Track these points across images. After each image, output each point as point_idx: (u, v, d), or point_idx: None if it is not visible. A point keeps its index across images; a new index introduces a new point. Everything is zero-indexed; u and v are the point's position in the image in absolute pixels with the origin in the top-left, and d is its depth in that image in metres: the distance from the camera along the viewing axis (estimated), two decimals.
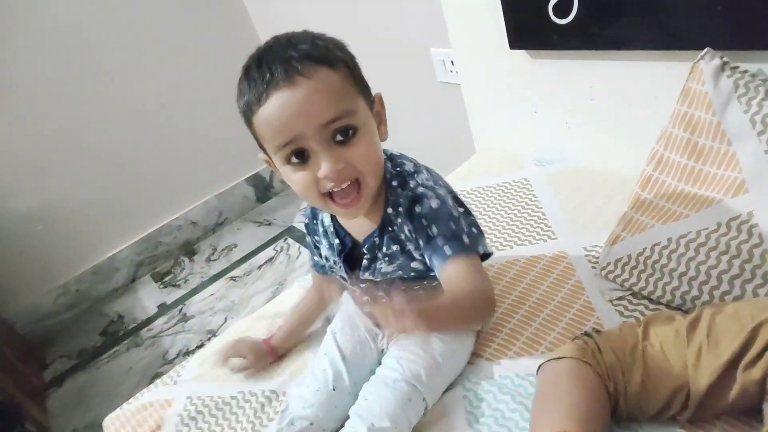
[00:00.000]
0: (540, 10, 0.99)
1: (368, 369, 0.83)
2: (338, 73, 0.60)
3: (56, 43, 1.86)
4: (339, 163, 0.60)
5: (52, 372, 1.91)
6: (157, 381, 0.98)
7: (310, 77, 0.57)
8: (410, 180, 0.71)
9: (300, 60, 0.58)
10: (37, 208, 1.97)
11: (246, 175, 2.44)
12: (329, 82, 0.59)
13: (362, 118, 0.62)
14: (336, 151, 0.60)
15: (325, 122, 0.59)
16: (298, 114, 0.58)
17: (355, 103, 0.61)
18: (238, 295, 1.96)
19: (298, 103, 0.57)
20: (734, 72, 0.77)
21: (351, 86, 0.61)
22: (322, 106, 0.58)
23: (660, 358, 0.62)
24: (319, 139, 0.59)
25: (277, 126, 0.59)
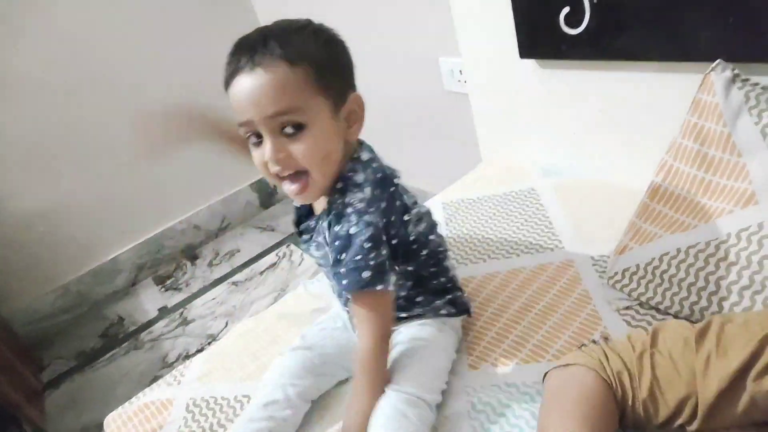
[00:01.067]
0: (551, 19, 1.00)
1: (337, 346, 0.86)
2: (297, 70, 0.64)
3: (60, 44, 1.86)
4: (279, 153, 0.66)
5: (49, 374, 1.90)
6: (160, 381, 0.97)
7: (268, 71, 0.63)
8: (349, 193, 0.72)
9: (263, 52, 0.64)
10: (39, 209, 1.97)
11: (250, 180, 2.44)
12: (283, 77, 0.63)
13: (312, 116, 0.66)
14: (280, 141, 0.66)
15: (270, 114, 0.64)
16: (249, 101, 0.64)
17: (306, 102, 0.65)
18: (239, 300, 1.95)
19: (251, 91, 0.64)
20: (745, 84, 0.77)
21: (308, 85, 0.65)
22: (270, 98, 0.64)
23: (668, 365, 0.62)
24: (267, 127, 0.65)
25: (236, 106, 0.67)
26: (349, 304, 0.84)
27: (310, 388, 0.81)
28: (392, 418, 0.69)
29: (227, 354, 1.00)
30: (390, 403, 0.71)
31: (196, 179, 2.29)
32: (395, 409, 0.70)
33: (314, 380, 0.82)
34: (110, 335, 1.99)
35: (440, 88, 1.57)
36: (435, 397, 0.76)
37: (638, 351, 0.65)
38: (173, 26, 2.07)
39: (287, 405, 0.77)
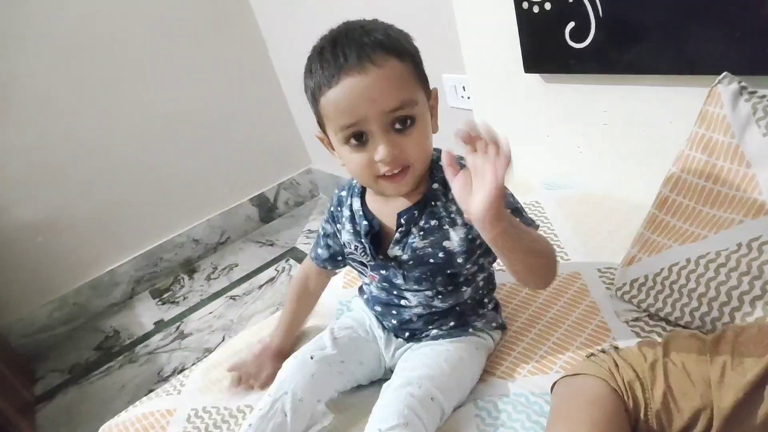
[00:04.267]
0: (557, 34, 1.01)
1: (358, 359, 0.83)
2: (405, 64, 0.63)
3: (61, 56, 1.87)
4: (395, 149, 0.64)
5: (42, 386, 1.86)
6: (159, 390, 0.95)
7: (380, 66, 0.61)
8: (460, 161, 0.72)
9: (372, 48, 0.62)
10: (38, 220, 1.96)
11: (250, 195, 2.44)
12: (396, 72, 0.62)
13: (421, 109, 0.65)
14: (393, 137, 0.64)
15: (389, 110, 0.63)
16: (364, 99, 0.62)
17: (416, 95, 0.65)
18: (237, 314, 1.93)
19: (366, 89, 0.62)
20: (752, 96, 0.78)
21: (414, 78, 0.65)
22: (388, 94, 0.62)
23: (682, 375, 0.61)
24: (380, 124, 0.63)
25: (344, 108, 0.63)
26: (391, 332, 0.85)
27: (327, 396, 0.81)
28: (401, 412, 0.68)
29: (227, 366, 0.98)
30: (407, 396, 0.71)
31: (196, 193, 2.29)
32: (410, 406, 0.69)
33: (333, 390, 0.82)
34: (106, 348, 1.96)
35: (444, 105, 1.59)
36: (450, 408, 0.76)
37: (650, 360, 0.64)
38: (175, 39, 2.09)
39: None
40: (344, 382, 0.82)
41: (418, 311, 0.81)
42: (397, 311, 0.83)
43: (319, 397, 0.79)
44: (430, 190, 0.74)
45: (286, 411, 0.74)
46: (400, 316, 0.83)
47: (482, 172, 0.56)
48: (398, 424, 0.67)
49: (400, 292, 0.81)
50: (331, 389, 0.81)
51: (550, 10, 1.01)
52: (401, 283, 0.79)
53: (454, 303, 0.81)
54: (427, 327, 0.83)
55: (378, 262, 0.79)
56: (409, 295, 0.80)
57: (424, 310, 0.81)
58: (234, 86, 2.24)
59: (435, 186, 0.74)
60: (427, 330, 0.83)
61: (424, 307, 0.81)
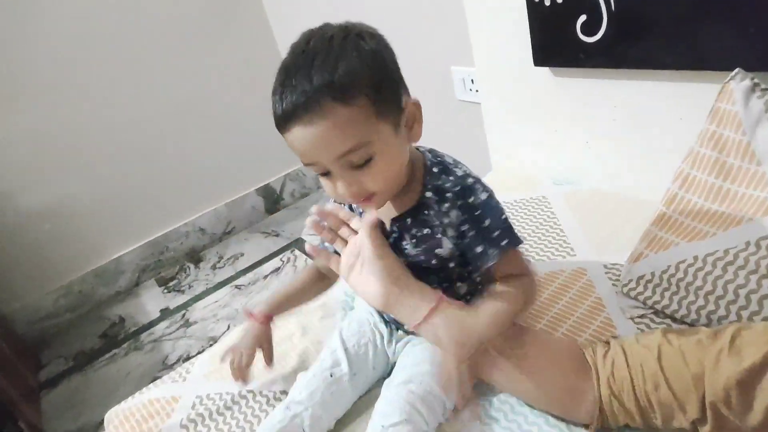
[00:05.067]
0: (568, 27, 1.01)
1: (370, 364, 0.83)
2: (354, 107, 0.60)
3: (69, 44, 1.87)
4: (353, 186, 0.65)
5: (47, 373, 1.88)
6: (165, 377, 0.96)
7: (325, 116, 0.59)
8: (455, 169, 0.73)
9: (317, 94, 0.59)
10: (44, 207, 1.97)
11: (256, 185, 2.44)
12: (344, 118, 0.60)
13: (379, 144, 0.63)
14: (351, 174, 0.64)
15: (339, 156, 0.62)
16: (314, 148, 0.62)
17: (371, 134, 0.62)
18: (242, 303, 1.94)
19: (313, 139, 0.61)
20: (765, 93, 0.77)
21: (370, 116, 0.62)
22: (336, 142, 0.61)
23: (677, 358, 0.60)
24: (336, 166, 0.63)
25: (299, 151, 0.64)
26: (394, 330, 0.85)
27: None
28: (403, 408, 0.68)
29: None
30: (408, 393, 0.71)
31: (203, 182, 2.29)
32: (411, 403, 0.69)
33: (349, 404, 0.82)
34: (111, 336, 1.98)
35: (452, 97, 1.58)
36: (452, 404, 0.75)
37: (644, 341, 0.64)
38: (184, 28, 2.09)
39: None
40: (358, 393, 0.82)
41: None
42: None
43: (336, 416, 0.79)
44: (423, 198, 0.72)
45: (304, 427, 0.74)
46: None
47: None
48: (400, 420, 0.67)
49: None
50: (347, 404, 0.81)
51: (561, 3, 1.00)
52: None
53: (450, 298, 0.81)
54: None
55: None
56: None
57: None
58: (241, 76, 2.24)
59: (428, 195, 0.72)
60: None
61: None
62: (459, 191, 0.70)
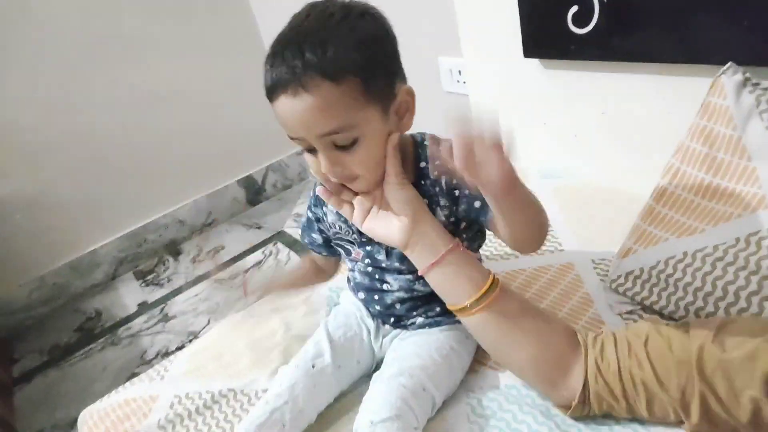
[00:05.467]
0: (558, 18, 0.99)
1: (356, 358, 0.82)
2: (342, 87, 0.59)
3: (48, 32, 1.81)
4: (336, 167, 0.65)
5: (20, 368, 1.83)
6: (142, 375, 0.93)
7: (311, 92, 0.59)
8: (444, 141, 0.73)
9: (304, 71, 0.58)
10: (16, 196, 1.90)
11: (238, 176, 2.40)
12: (329, 98, 0.59)
13: (364, 128, 0.63)
14: (334, 154, 0.64)
15: (322, 135, 0.61)
16: (298, 123, 0.61)
17: (356, 117, 0.61)
18: (222, 297, 1.90)
19: (298, 114, 0.60)
20: (756, 88, 0.76)
21: (356, 99, 0.60)
22: (320, 121, 0.60)
23: (663, 344, 0.60)
24: (319, 144, 0.63)
25: (284, 124, 0.63)
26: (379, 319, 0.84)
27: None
28: (394, 404, 0.67)
29: (215, 349, 0.96)
30: (399, 387, 0.69)
31: (183, 173, 2.24)
32: (402, 398, 0.68)
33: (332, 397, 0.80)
34: (87, 330, 1.93)
35: (439, 89, 1.56)
36: (441, 399, 0.75)
37: (633, 326, 0.65)
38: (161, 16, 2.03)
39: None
40: (341, 387, 0.80)
41: (400, 295, 0.79)
42: (380, 296, 0.81)
43: (318, 408, 0.77)
44: (418, 169, 0.73)
45: (285, 422, 0.72)
46: (383, 302, 0.81)
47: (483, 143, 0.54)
48: (390, 416, 0.65)
49: (382, 275, 0.79)
50: (330, 397, 0.79)
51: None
52: (383, 260, 0.77)
53: None
54: (411, 314, 0.81)
55: (364, 239, 0.77)
56: (390, 279, 0.78)
57: (405, 294, 0.79)
58: (222, 65, 2.18)
59: (423, 164, 0.72)
60: (413, 317, 0.81)
61: (405, 291, 0.79)
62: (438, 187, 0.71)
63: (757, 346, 0.54)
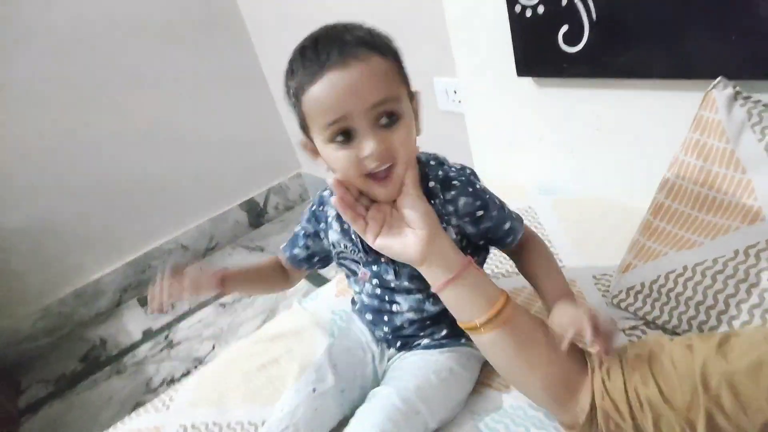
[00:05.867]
0: (550, 37, 1.00)
1: (359, 383, 0.81)
2: (388, 61, 0.64)
3: (50, 60, 1.84)
4: (381, 144, 0.63)
5: (27, 399, 1.82)
6: (148, 405, 0.92)
7: (363, 60, 0.61)
8: (447, 162, 0.77)
9: (355, 44, 0.62)
10: (22, 227, 1.91)
11: (239, 200, 2.41)
12: (379, 67, 0.62)
13: (405, 107, 0.65)
14: (380, 132, 0.63)
15: (373, 104, 0.62)
16: (348, 93, 0.61)
17: (400, 92, 0.64)
18: (227, 322, 1.90)
19: (349, 83, 0.61)
20: (747, 101, 0.77)
21: (397, 76, 0.65)
22: (372, 88, 0.61)
23: (666, 361, 0.60)
24: (366, 119, 0.62)
25: (328, 103, 0.62)
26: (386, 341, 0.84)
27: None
28: (384, 426, 0.67)
29: (218, 377, 0.95)
30: (392, 408, 0.69)
31: (185, 198, 2.26)
32: (392, 419, 0.68)
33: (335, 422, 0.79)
34: (92, 358, 1.92)
35: (435, 108, 1.57)
36: (435, 423, 0.74)
37: (637, 344, 0.64)
38: (164, 43, 2.06)
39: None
40: (344, 412, 0.79)
41: (410, 316, 0.79)
42: (389, 318, 0.81)
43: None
44: (427, 189, 0.73)
45: None
46: (392, 323, 0.81)
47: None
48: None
49: (392, 296, 0.79)
50: (333, 422, 0.78)
51: (543, 14, 1.00)
52: (392, 279, 0.77)
53: (445, 307, 0.79)
54: (419, 334, 0.81)
55: (371, 258, 0.77)
56: (400, 299, 0.78)
57: (415, 315, 0.79)
58: (223, 90, 2.21)
59: (432, 185, 0.73)
60: (420, 338, 0.81)
61: (415, 312, 0.79)
62: (465, 180, 0.73)
63: (761, 356, 0.54)
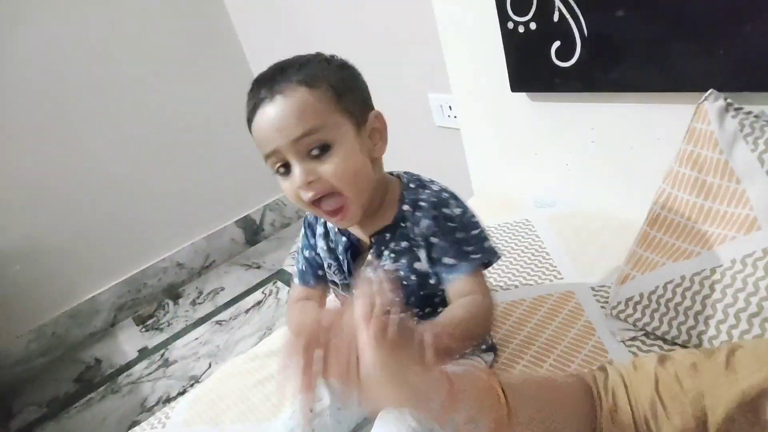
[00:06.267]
0: (542, 53, 1.02)
1: (356, 399, 0.78)
2: (316, 92, 0.65)
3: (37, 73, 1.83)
4: (309, 176, 0.65)
5: (19, 422, 1.79)
6: (143, 424, 0.91)
7: (287, 95, 0.64)
8: (431, 185, 0.76)
9: (282, 81, 0.65)
10: (14, 247, 1.90)
11: (235, 217, 2.40)
12: (303, 100, 0.64)
13: (337, 134, 0.65)
14: (308, 164, 0.65)
15: (296, 137, 0.64)
16: (273, 129, 0.64)
17: (329, 121, 0.65)
18: (223, 339, 1.88)
19: (273, 118, 0.64)
20: (739, 113, 0.78)
21: (329, 105, 0.65)
22: (294, 121, 0.63)
23: (673, 383, 0.58)
24: (294, 152, 0.65)
25: (261, 138, 0.66)
26: None
27: None
28: None
29: (215, 395, 0.94)
30: (402, 428, 0.68)
31: (180, 216, 2.25)
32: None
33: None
34: (86, 379, 1.89)
35: (431, 124, 1.58)
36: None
37: (640, 368, 0.62)
38: (157, 58, 2.07)
39: None
40: (343, 429, 0.78)
41: None
42: None
43: None
44: (401, 212, 0.74)
45: None
46: None
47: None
48: None
49: None
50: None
51: (535, 30, 1.01)
52: None
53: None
54: None
55: (352, 281, 0.77)
56: None
57: None
58: (217, 106, 2.22)
59: (405, 208, 0.73)
60: None
61: None
62: (434, 202, 0.73)
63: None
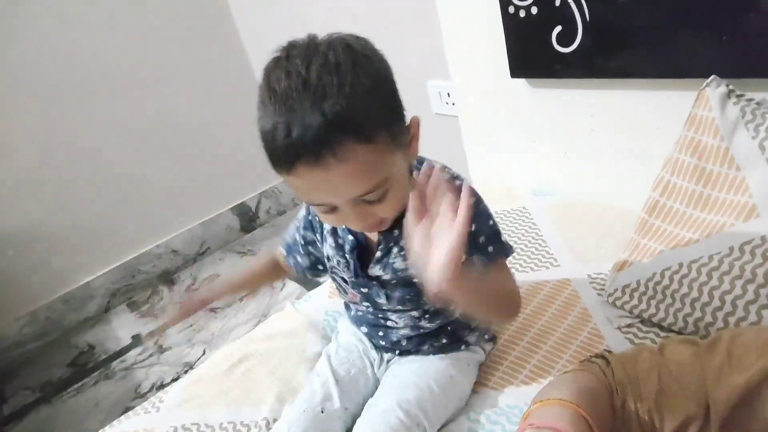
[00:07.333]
0: (543, 38, 1.01)
1: (362, 396, 0.80)
2: (377, 145, 0.53)
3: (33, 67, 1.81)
4: (367, 219, 0.60)
5: (12, 406, 1.78)
6: (137, 408, 0.90)
7: (344, 160, 0.51)
8: (453, 176, 0.72)
9: (332, 134, 0.50)
10: (8, 232, 1.88)
11: (231, 204, 2.39)
12: (366, 161, 0.53)
13: (393, 175, 0.57)
14: (363, 208, 0.58)
15: (356, 197, 0.56)
16: (326, 192, 0.56)
17: (389, 170, 0.57)
18: (218, 327, 1.87)
19: (327, 183, 0.54)
20: (740, 99, 0.78)
21: (386, 151, 0.55)
22: (355, 185, 0.55)
23: (676, 374, 0.59)
24: (349, 204, 0.57)
25: (305, 193, 0.57)
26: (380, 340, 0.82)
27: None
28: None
29: (210, 378, 0.94)
30: (396, 421, 0.68)
31: (175, 202, 2.23)
32: (392, 428, 0.67)
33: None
34: (80, 364, 1.89)
35: (429, 111, 1.57)
36: (434, 430, 0.73)
37: (644, 361, 0.62)
38: (153, 47, 2.04)
39: None
40: (347, 427, 0.77)
41: (406, 333, 0.78)
42: (385, 332, 0.80)
43: None
44: None
45: None
46: (388, 338, 0.80)
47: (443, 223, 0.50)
48: None
49: (385, 314, 0.78)
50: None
51: (537, 14, 1.00)
52: (384, 303, 0.75)
53: (443, 322, 0.78)
54: (418, 347, 0.80)
55: (360, 279, 0.75)
56: (394, 317, 0.77)
57: (411, 331, 0.78)
58: (213, 94, 2.20)
59: None
60: (419, 348, 0.80)
61: (411, 329, 0.78)
62: None
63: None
